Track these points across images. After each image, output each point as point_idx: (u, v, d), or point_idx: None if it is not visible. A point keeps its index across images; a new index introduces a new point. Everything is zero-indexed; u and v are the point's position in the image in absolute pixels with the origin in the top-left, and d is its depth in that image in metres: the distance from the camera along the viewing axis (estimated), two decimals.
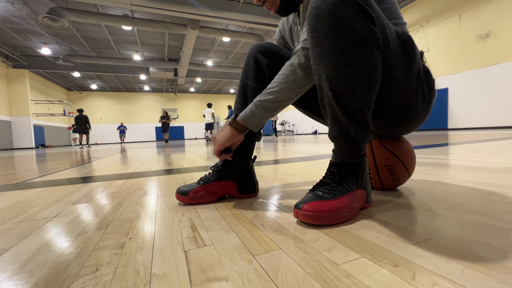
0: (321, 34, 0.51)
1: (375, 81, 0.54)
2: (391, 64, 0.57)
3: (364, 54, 0.51)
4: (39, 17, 7.08)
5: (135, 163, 2.27)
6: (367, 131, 0.58)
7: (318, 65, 0.54)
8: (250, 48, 0.81)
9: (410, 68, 0.61)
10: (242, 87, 0.79)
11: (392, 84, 0.60)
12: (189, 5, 6.94)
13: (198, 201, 0.77)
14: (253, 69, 0.78)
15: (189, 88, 18.59)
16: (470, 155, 1.61)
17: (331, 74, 0.53)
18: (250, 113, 0.66)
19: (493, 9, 6.58)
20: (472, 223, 0.51)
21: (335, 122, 0.58)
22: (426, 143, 2.78)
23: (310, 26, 0.53)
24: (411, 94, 0.65)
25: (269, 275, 0.36)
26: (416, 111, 0.68)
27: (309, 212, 0.53)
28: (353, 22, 0.49)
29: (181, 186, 0.80)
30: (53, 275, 0.39)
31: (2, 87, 10.58)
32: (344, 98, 0.54)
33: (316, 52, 0.54)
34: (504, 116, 6.55)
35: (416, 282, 0.32)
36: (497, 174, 0.97)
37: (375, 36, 0.51)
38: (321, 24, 0.51)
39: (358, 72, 0.51)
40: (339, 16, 0.49)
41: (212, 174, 0.80)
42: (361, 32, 0.50)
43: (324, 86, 0.56)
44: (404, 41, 0.60)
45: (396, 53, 0.57)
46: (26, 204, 0.87)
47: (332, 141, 0.62)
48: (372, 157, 0.77)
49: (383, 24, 0.53)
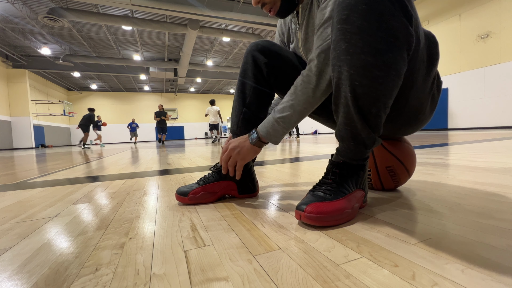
0: (353, 27, 0.46)
1: (397, 86, 0.50)
2: (416, 67, 0.55)
3: (395, 56, 0.46)
4: (39, 17, 7.08)
5: (135, 163, 2.27)
6: (378, 136, 0.56)
7: (341, 61, 0.49)
8: (249, 45, 0.78)
9: (431, 71, 0.60)
10: (241, 86, 0.78)
11: (412, 87, 0.57)
12: (189, 5, 6.94)
13: (198, 202, 0.77)
14: (251, 67, 0.76)
15: (189, 88, 18.59)
16: (470, 155, 1.61)
17: (355, 74, 0.48)
18: (273, 131, 0.66)
19: (493, 9, 6.58)
20: (472, 223, 0.51)
21: (348, 124, 0.55)
22: (426, 143, 2.78)
23: (341, 17, 0.47)
24: (424, 97, 0.63)
25: (269, 275, 0.36)
26: (424, 114, 0.67)
27: (312, 214, 0.52)
28: (392, 19, 0.44)
29: (181, 187, 0.79)
30: (53, 275, 0.39)
31: (2, 87, 10.58)
32: (364, 101, 0.50)
33: (341, 47, 0.48)
34: (504, 116, 6.55)
35: (416, 282, 0.32)
36: (497, 174, 0.97)
37: (410, 38, 0.47)
38: (354, 16, 0.45)
39: (385, 75, 0.47)
40: (377, 10, 0.44)
41: (211, 174, 0.80)
42: (398, 32, 0.45)
43: (343, 85, 0.51)
44: (431, 44, 0.58)
45: (422, 55, 0.55)
46: (26, 204, 0.87)
47: (339, 141, 0.60)
48: (372, 158, 0.77)
49: (417, 25, 0.49)
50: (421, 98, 0.63)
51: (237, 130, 0.77)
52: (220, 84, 17.84)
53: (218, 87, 18.61)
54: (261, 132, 0.67)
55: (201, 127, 20.30)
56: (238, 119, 0.77)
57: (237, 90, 0.79)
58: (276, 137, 0.66)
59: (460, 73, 7.48)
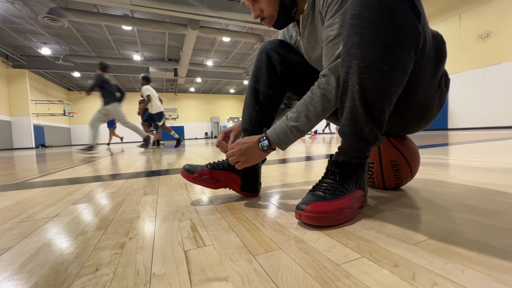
0: (366, 22, 0.48)
1: (402, 84, 0.52)
2: (423, 65, 0.56)
3: (403, 52, 0.48)
4: (39, 17, 7.07)
5: (135, 163, 2.27)
6: (380, 133, 0.57)
7: (351, 55, 0.51)
8: (262, 44, 0.79)
9: (438, 69, 0.61)
10: (254, 84, 0.78)
11: (420, 84, 0.59)
12: (189, 5, 6.93)
13: (201, 183, 0.77)
14: (265, 65, 0.77)
15: (189, 88, 18.58)
16: (470, 155, 1.61)
17: (364, 67, 0.50)
18: (285, 138, 0.66)
19: (493, 9, 6.57)
20: (472, 223, 0.51)
21: (352, 118, 0.56)
22: (426, 143, 2.78)
23: (354, 12, 0.49)
24: (432, 95, 0.64)
25: (269, 275, 0.36)
26: (432, 112, 0.68)
27: (312, 214, 0.52)
28: (402, 16, 0.46)
29: (188, 164, 0.80)
30: (53, 275, 0.39)
31: (2, 87, 10.57)
32: (370, 94, 0.51)
33: (353, 41, 0.50)
34: (504, 116, 6.54)
35: (416, 282, 0.32)
36: (497, 174, 0.97)
37: (418, 35, 0.49)
38: (367, 11, 0.47)
39: (392, 70, 0.49)
40: (389, 7, 0.46)
41: (222, 162, 0.80)
42: (407, 29, 0.47)
43: (351, 78, 0.52)
44: (438, 43, 0.59)
45: (429, 53, 0.56)
46: (26, 204, 0.87)
47: (341, 138, 0.61)
48: (377, 151, 0.77)
49: (425, 23, 0.51)
50: (429, 95, 0.64)
51: (250, 127, 0.78)
52: (220, 84, 17.84)
53: (218, 87, 18.60)
54: (272, 139, 0.67)
55: (201, 127, 20.27)
56: (250, 116, 0.78)
57: (249, 88, 0.80)
58: (287, 144, 0.67)
59: (460, 73, 7.47)
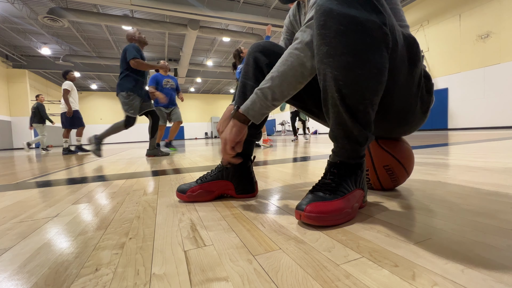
0: (331, 32, 0.49)
1: (382, 83, 0.53)
2: (396, 67, 0.56)
3: (374, 55, 0.49)
4: (39, 17, 7.07)
5: (135, 163, 2.27)
6: (369, 132, 0.57)
7: (324, 64, 0.52)
8: (250, 47, 0.80)
9: (413, 71, 0.61)
10: (242, 87, 0.78)
11: (394, 87, 0.59)
12: (189, 5, 6.94)
13: (196, 199, 0.79)
14: (252, 68, 0.77)
15: (189, 88, 18.58)
16: (470, 155, 1.61)
17: (338, 74, 0.51)
18: (251, 103, 0.64)
19: (493, 9, 6.57)
20: (472, 223, 0.51)
21: (339, 123, 0.57)
22: (426, 143, 2.78)
23: (319, 23, 0.50)
24: (411, 97, 0.64)
25: (269, 275, 0.36)
26: (414, 115, 0.68)
27: (312, 214, 0.53)
28: (366, 21, 0.48)
29: (182, 184, 0.82)
30: (53, 275, 0.39)
31: (2, 87, 10.57)
32: (350, 99, 0.52)
33: (323, 50, 0.51)
34: (504, 116, 6.54)
35: (416, 282, 0.32)
36: (497, 174, 0.97)
37: (386, 37, 0.50)
38: (331, 21, 0.49)
39: (367, 73, 0.50)
40: (351, 15, 0.47)
41: (210, 173, 0.81)
42: (373, 33, 0.48)
43: (329, 86, 0.54)
44: (410, 43, 0.59)
45: (401, 55, 0.57)
46: (26, 204, 0.87)
47: (333, 142, 0.61)
48: (369, 157, 0.77)
49: (392, 25, 0.52)
50: (407, 99, 0.64)
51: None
52: (220, 84, 17.84)
53: (218, 87, 18.60)
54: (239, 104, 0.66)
55: (201, 127, 20.26)
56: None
57: (238, 91, 0.80)
58: (254, 110, 0.64)
59: (460, 73, 7.47)
